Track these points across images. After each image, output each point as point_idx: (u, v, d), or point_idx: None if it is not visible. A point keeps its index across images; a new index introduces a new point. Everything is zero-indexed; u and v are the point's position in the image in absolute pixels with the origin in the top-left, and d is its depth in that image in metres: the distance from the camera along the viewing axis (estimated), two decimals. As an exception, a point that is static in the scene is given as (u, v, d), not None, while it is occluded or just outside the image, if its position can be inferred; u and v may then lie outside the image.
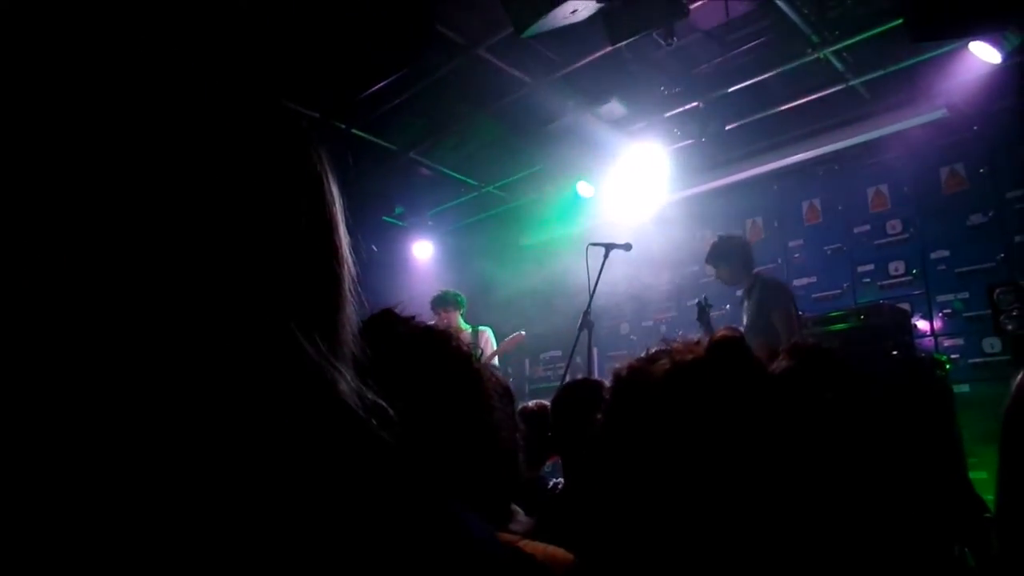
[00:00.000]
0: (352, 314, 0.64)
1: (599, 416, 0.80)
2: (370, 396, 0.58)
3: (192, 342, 0.47)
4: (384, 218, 7.31)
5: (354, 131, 5.91)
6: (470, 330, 5.77)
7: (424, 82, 5.28)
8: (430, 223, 7.76)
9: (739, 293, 4.73)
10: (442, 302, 5.73)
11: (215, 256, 0.49)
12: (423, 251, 7.80)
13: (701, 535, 0.75)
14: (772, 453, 0.72)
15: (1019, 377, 1.02)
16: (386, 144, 6.29)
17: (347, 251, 0.64)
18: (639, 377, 0.77)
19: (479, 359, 0.88)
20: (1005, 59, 4.44)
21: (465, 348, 0.88)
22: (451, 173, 6.93)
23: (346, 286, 0.63)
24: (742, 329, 4.58)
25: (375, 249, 0.66)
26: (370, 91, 5.28)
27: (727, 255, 4.48)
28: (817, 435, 0.80)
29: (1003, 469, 0.96)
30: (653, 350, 0.80)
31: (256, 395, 0.49)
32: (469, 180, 7.11)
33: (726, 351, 0.75)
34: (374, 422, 0.56)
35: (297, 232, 0.56)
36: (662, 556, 0.77)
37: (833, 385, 0.95)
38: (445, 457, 0.77)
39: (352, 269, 0.66)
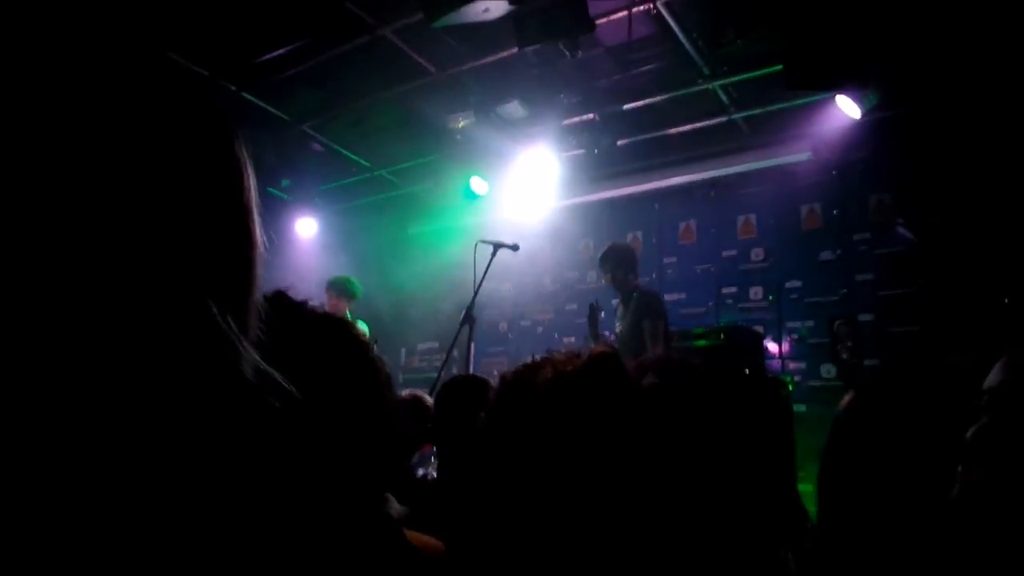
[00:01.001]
0: (259, 297, 0.65)
1: (482, 415, 0.85)
2: (275, 375, 0.60)
3: (114, 317, 0.47)
4: (269, 189, 7.01)
5: (244, 94, 5.64)
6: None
7: (326, 55, 5.13)
8: (317, 200, 7.53)
9: (615, 301, 4.96)
10: (337, 287, 5.37)
11: (140, 239, 0.49)
12: (307, 228, 7.55)
13: (566, 532, 0.81)
14: (636, 460, 0.79)
15: (844, 400, 1.17)
16: (279, 113, 6.05)
17: (260, 237, 0.65)
18: (523, 382, 0.82)
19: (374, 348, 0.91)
20: (864, 115, 4.93)
21: (363, 336, 0.90)
22: (344, 151, 6.76)
23: (257, 271, 0.64)
24: (614, 334, 4.81)
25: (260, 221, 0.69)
26: (268, 56, 5.06)
27: (621, 261, 4.68)
28: (677, 445, 0.89)
29: (823, 478, 1.11)
30: (538, 357, 0.86)
31: (170, 366, 0.49)
32: (362, 161, 6.97)
33: (603, 365, 0.82)
34: (274, 400, 0.59)
35: (216, 217, 0.57)
36: (531, 551, 0.82)
37: (694, 401, 1.04)
38: (338, 438, 0.78)
39: (263, 253, 0.67)
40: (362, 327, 5.65)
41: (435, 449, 2.53)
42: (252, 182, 0.62)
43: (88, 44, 0.54)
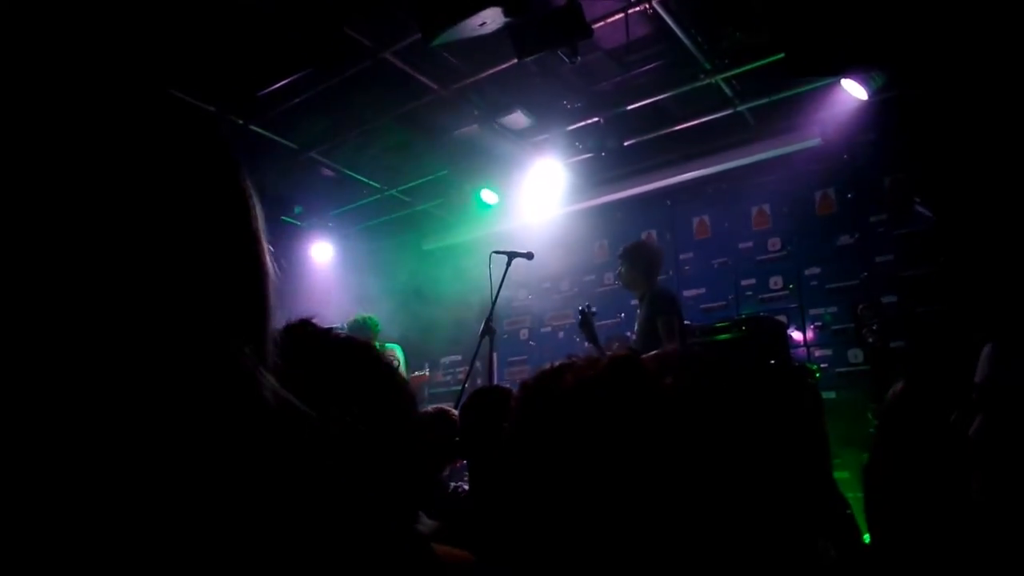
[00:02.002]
0: (274, 324, 0.67)
1: (506, 424, 0.85)
2: (293, 401, 0.62)
3: (136, 348, 0.49)
4: (283, 218, 7.10)
5: (252, 127, 5.72)
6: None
7: (329, 82, 5.19)
8: (330, 224, 7.61)
9: (634, 302, 4.95)
10: (357, 328, 5.57)
11: (152, 273, 0.51)
12: (322, 252, 7.63)
13: (596, 538, 0.82)
14: (665, 460, 0.80)
15: (894, 389, 1.16)
16: (286, 143, 6.12)
17: (270, 264, 0.67)
18: (544, 389, 0.83)
19: (397, 371, 0.92)
20: (871, 96, 4.89)
21: (385, 359, 0.91)
22: (353, 175, 6.83)
23: (271, 299, 0.65)
24: (633, 335, 4.81)
25: (272, 249, 0.70)
26: (272, 88, 5.13)
27: (638, 257, 4.66)
28: (707, 443, 0.89)
29: (871, 470, 1.10)
30: (557, 364, 0.86)
31: (191, 395, 0.51)
32: (372, 182, 7.03)
33: (623, 368, 0.82)
34: (294, 424, 0.60)
35: (226, 248, 0.59)
36: (561, 559, 0.83)
37: (718, 397, 1.04)
38: (365, 459, 0.80)
39: (275, 280, 0.69)
40: (396, 351, 5.71)
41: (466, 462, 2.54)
42: (258, 211, 0.64)
43: (95, 84, 0.56)
